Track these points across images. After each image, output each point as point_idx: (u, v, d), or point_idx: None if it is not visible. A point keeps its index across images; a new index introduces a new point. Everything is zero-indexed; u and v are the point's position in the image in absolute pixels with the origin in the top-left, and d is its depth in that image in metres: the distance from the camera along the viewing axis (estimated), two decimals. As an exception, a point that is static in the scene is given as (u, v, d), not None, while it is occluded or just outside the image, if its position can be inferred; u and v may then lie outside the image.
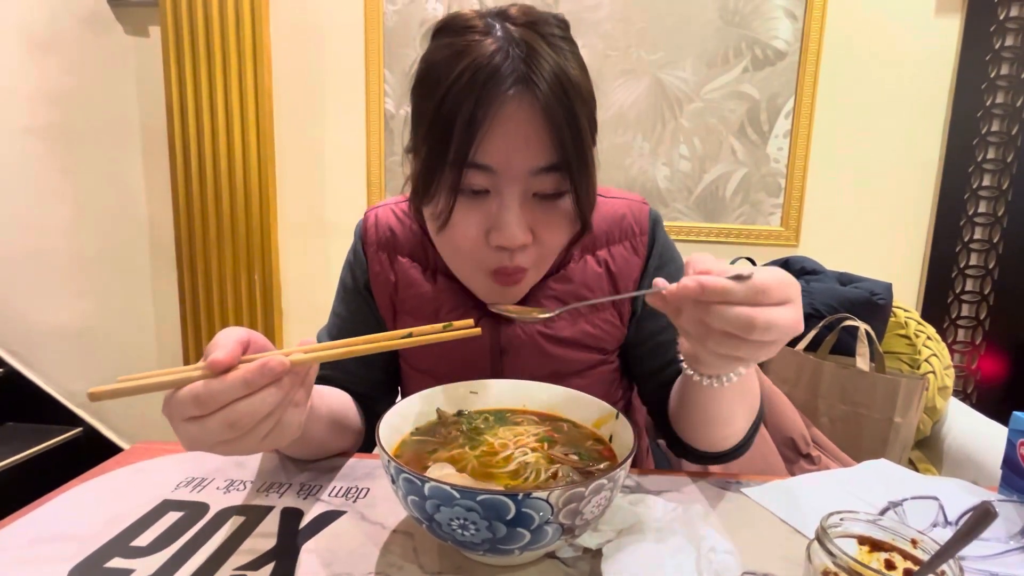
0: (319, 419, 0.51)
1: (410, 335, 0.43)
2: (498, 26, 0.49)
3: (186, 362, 1.71)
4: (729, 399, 0.49)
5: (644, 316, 0.63)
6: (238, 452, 0.37)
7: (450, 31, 0.51)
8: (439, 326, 0.44)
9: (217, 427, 0.34)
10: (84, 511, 0.47)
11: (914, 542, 0.32)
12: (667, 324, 0.62)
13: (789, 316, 0.37)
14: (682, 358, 0.47)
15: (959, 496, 0.51)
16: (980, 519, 0.29)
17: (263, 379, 0.35)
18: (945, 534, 0.46)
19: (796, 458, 0.92)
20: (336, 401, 0.57)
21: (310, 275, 1.71)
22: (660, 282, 0.39)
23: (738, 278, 0.36)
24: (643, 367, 0.64)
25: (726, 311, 0.36)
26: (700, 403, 0.50)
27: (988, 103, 1.41)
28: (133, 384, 0.34)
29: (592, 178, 0.52)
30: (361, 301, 0.65)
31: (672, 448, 0.61)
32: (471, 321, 0.45)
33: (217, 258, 1.64)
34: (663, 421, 0.62)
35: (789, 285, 0.38)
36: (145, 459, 0.56)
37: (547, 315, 0.49)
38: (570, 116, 0.48)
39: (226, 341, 0.36)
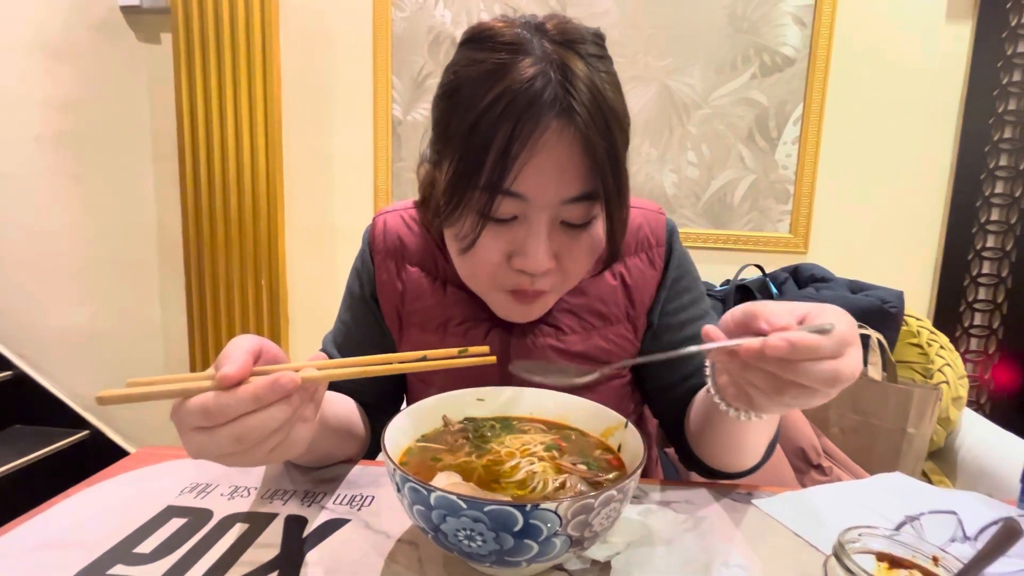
0: (325, 427, 0.50)
1: (424, 359, 0.42)
2: (535, 42, 0.46)
3: (192, 366, 1.71)
4: (759, 429, 0.49)
5: (659, 329, 0.61)
6: (244, 464, 0.37)
7: (483, 44, 0.47)
8: (454, 351, 0.43)
9: (225, 440, 0.34)
10: (87, 517, 0.47)
11: (935, 559, 0.31)
12: (683, 340, 0.60)
13: (856, 360, 0.36)
14: (713, 392, 0.44)
15: (977, 510, 0.50)
16: (1006, 537, 0.28)
17: (273, 395, 0.34)
18: (964, 549, 0.44)
19: (807, 468, 0.91)
20: (342, 408, 0.57)
21: (317, 280, 1.71)
22: (713, 331, 0.38)
23: (822, 331, 0.35)
24: (658, 381, 0.62)
25: (814, 368, 0.35)
26: (730, 433, 0.50)
27: (1000, 110, 1.40)
28: (142, 391, 0.34)
29: (627, 208, 0.51)
30: (367, 310, 0.64)
31: (683, 462, 0.60)
32: (487, 348, 0.44)
33: (225, 263, 1.64)
34: (677, 436, 0.61)
35: (854, 324, 0.38)
36: (149, 464, 0.56)
37: (584, 379, 0.43)
38: (609, 145, 0.46)
39: (237, 353, 0.36)
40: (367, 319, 0.64)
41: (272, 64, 1.57)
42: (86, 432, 1.84)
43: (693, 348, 0.39)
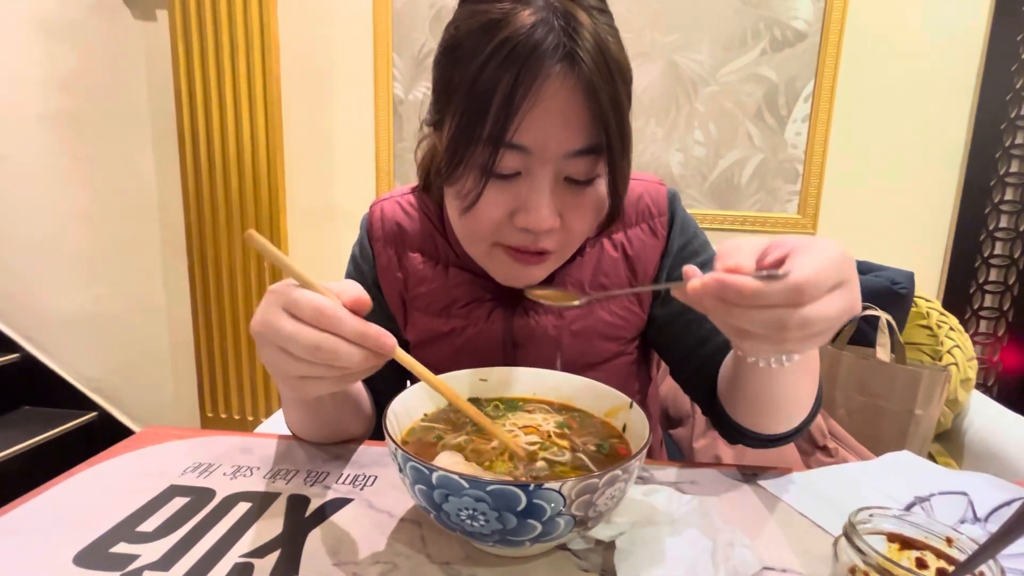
0: (344, 398, 0.51)
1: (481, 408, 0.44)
2: None
3: (197, 347, 1.72)
4: (793, 378, 0.45)
5: (668, 296, 0.60)
6: (282, 371, 0.37)
7: None
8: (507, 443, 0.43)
9: (307, 342, 0.35)
10: (90, 496, 0.47)
11: (949, 540, 0.31)
12: None
13: (836, 306, 0.32)
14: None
15: (987, 491, 0.49)
16: (1025, 518, 0.27)
17: (370, 343, 0.36)
18: (974, 530, 0.44)
19: (812, 450, 0.90)
20: (355, 384, 0.57)
21: (319, 261, 1.71)
22: (689, 270, 0.35)
23: (771, 277, 0.31)
24: (678, 347, 0.61)
25: (754, 314, 0.32)
26: (757, 383, 0.46)
27: (1018, 86, 1.36)
28: (279, 255, 0.37)
29: (629, 160, 0.50)
30: (370, 296, 0.64)
31: (724, 434, 0.56)
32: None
33: (227, 244, 1.64)
34: (711, 405, 0.58)
35: (840, 265, 0.32)
36: (153, 444, 0.55)
37: (581, 301, 0.46)
38: (613, 93, 0.45)
39: (362, 291, 0.39)
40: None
41: (270, 41, 1.54)
42: (94, 414, 1.86)
43: (657, 286, 0.43)
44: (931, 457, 1.05)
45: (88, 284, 1.82)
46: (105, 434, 1.86)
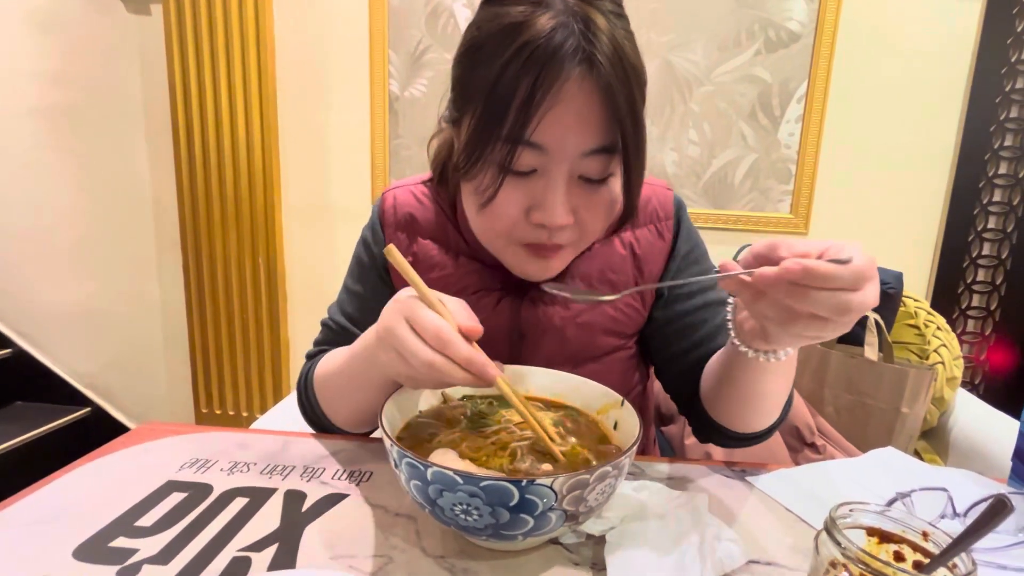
0: (380, 390, 0.52)
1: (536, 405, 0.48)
2: None
3: (191, 343, 1.72)
4: (777, 373, 0.48)
5: (671, 299, 0.62)
6: (394, 371, 0.44)
7: (504, 0, 0.48)
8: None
9: (423, 358, 0.41)
10: (88, 491, 0.47)
11: (925, 534, 0.32)
12: (695, 307, 0.61)
13: (873, 295, 0.37)
14: (733, 334, 0.47)
15: (968, 488, 0.50)
16: (996, 512, 0.28)
17: (475, 369, 0.42)
18: (953, 526, 0.45)
19: (801, 447, 0.92)
20: None
21: (314, 258, 1.71)
22: (730, 264, 0.39)
23: (839, 262, 0.35)
24: (669, 349, 0.63)
25: (827, 296, 0.35)
26: (748, 379, 0.49)
27: (1008, 88, 1.37)
28: (411, 273, 0.44)
29: (644, 161, 0.52)
30: (377, 279, 0.65)
31: (699, 432, 0.59)
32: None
33: (222, 241, 1.64)
34: (690, 405, 0.61)
35: (874, 263, 0.37)
36: (150, 440, 0.56)
37: (609, 298, 0.48)
38: (629, 98, 0.47)
39: (476, 320, 0.44)
40: (379, 288, 0.64)
41: (266, 37, 1.53)
42: (87, 409, 1.85)
43: (712, 276, 0.41)
44: (917, 454, 1.07)
45: (82, 279, 1.82)
46: (98, 430, 1.86)
